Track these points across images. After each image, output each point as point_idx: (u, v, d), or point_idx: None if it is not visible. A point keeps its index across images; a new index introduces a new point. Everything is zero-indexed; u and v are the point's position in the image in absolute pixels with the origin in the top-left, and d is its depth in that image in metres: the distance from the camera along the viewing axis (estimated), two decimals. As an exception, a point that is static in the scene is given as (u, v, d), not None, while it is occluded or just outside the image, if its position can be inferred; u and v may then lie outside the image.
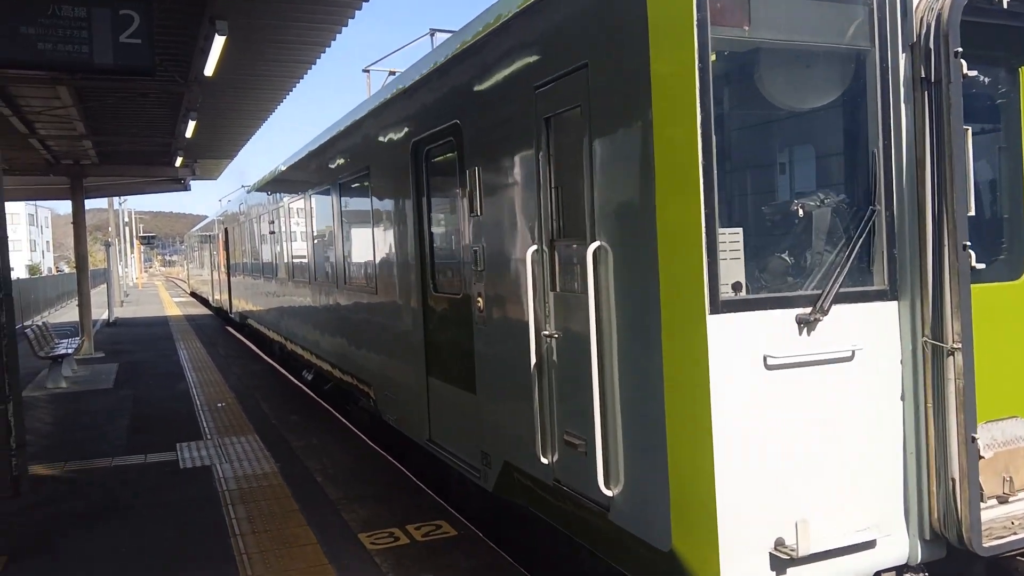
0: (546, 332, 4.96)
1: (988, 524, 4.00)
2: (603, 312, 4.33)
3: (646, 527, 4.11)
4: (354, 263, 9.80)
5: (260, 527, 6.67)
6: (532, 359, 4.96)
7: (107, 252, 30.61)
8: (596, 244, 4.32)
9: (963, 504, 3.84)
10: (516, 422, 5.39)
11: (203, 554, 6.15)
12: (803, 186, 4.53)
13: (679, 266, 3.80)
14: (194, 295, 44.91)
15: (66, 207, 25.92)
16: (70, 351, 15.46)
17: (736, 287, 3.84)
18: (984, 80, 4.39)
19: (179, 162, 20.88)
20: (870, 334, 3.99)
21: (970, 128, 3.85)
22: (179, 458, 9.03)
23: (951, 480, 3.89)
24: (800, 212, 4.10)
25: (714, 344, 3.67)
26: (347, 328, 10.24)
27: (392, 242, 8.02)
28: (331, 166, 10.43)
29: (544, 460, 4.98)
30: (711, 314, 3.66)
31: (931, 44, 3.86)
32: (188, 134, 15.98)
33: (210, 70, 10.77)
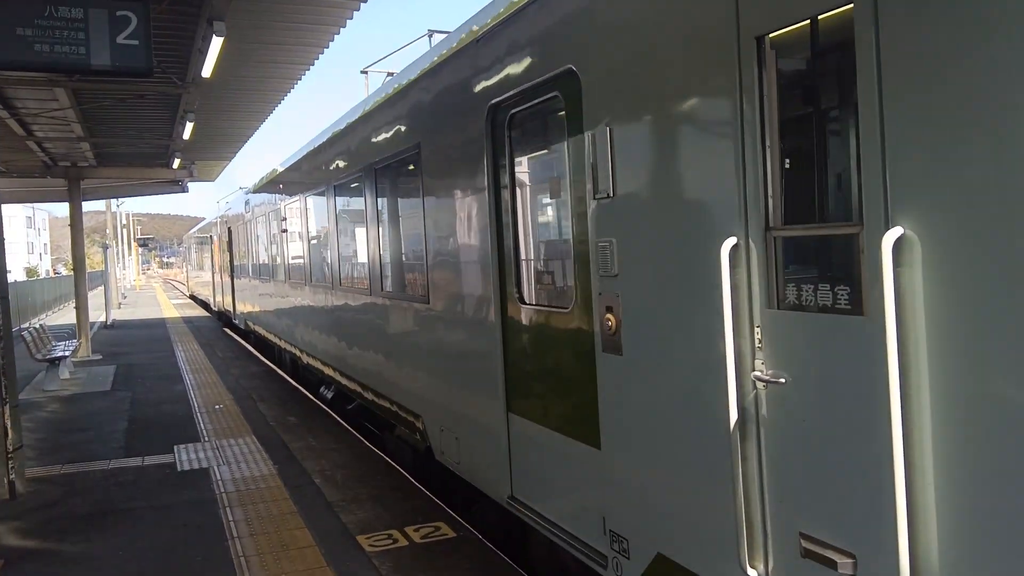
0: (757, 373, 3.22)
1: None
2: (910, 346, 2.59)
3: None
4: (395, 265, 8.19)
5: (258, 529, 6.65)
6: (732, 414, 3.26)
7: (104, 254, 30.54)
8: (896, 232, 2.59)
9: None
10: (686, 501, 3.74)
11: (201, 557, 6.12)
12: None
13: None
14: (193, 298, 44.60)
15: (64, 209, 25.87)
16: (67, 353, 15.42)
17: None
18: None
19: (177, 164, 20.88)
20: None
21: None
22: (176, 460, 9.00)
23: None
24: None
25: None
26: (384, 343, 8.46)
27: (454, 238, 6.29)
28: (364, 149, 8.77)
29: (753, 573, 3.29)
30: None
31: None
32: (186, 136, 15.98)
33: (208, 71, 10.75)
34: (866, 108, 2.69)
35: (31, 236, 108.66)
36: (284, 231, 14.21)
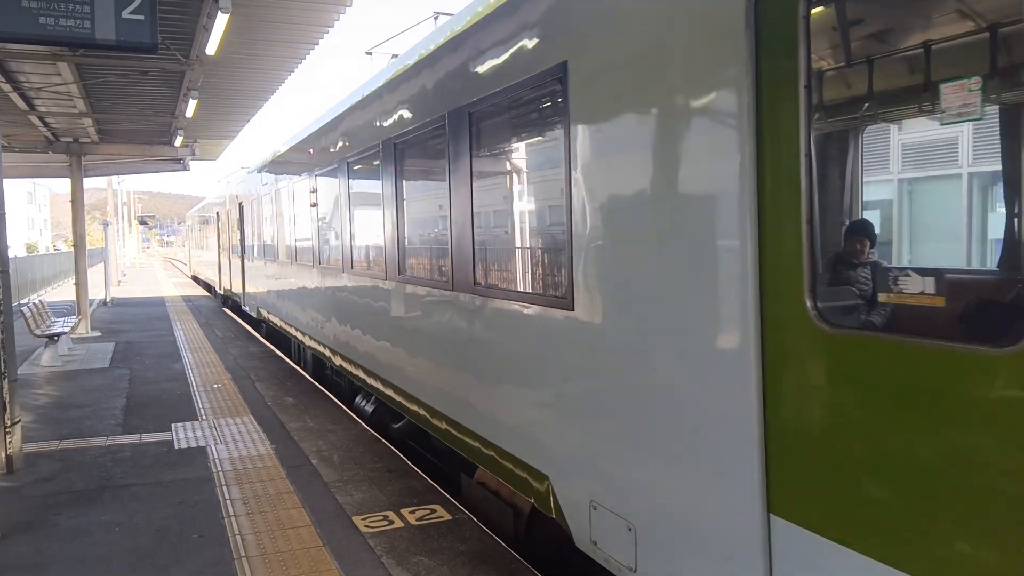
0: None
1: None
2: None
3: None
4: (496, 251, 5.96)
5: (254, 508, 6.66)
6: None
7: (105, 231, 30.47)
8: None
9: None
10: None
11: (197, 534, 6.14)
12: None
13: None
14: (195, 279, 44.11)
15: (64, 185, 25.80)
16: (66, 329, 15.42)
17: None
18: None
19: (179, 142, 20.83)
20: None
21: None
22: (174, 438, 9.01)
23: None
24: None
25: None
26: (480, 360, 5.92)
27: (641, 210, 3.91)
28: (453, 83, 6.08)
29: None
30: None
31: None
32: (189, 114, 15.91)
33: (212, 48, 10.70)
34: None
35: (31, 211, 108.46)
36: (314, 205, 11.55)
